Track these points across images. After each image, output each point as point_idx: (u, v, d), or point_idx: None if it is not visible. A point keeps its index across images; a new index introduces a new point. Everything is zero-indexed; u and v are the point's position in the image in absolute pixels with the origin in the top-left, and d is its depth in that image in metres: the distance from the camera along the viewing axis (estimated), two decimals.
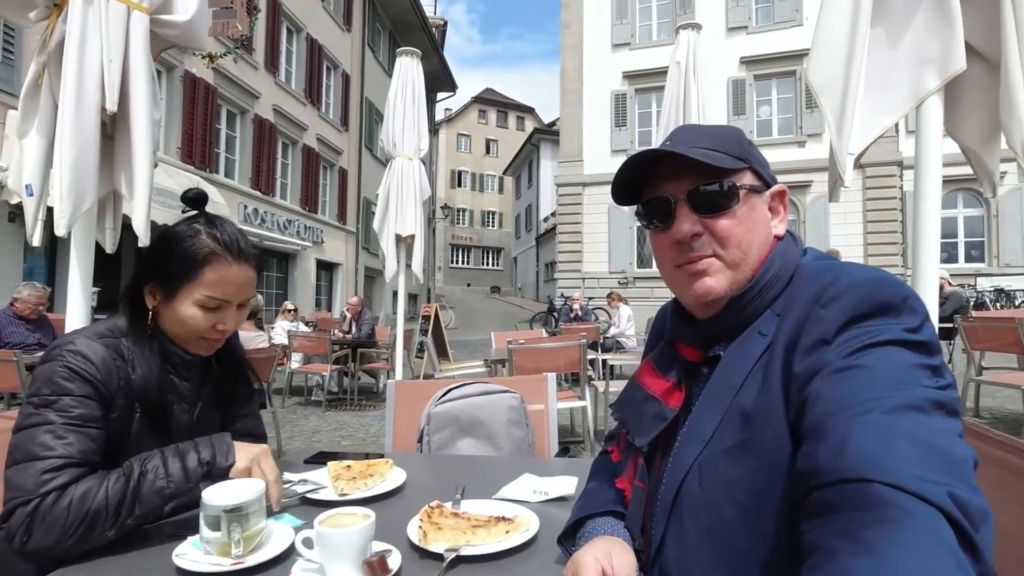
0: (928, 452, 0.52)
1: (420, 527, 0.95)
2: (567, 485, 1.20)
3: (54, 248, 8.98)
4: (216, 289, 1.11)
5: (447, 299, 30.03)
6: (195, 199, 1.18)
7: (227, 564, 0.86)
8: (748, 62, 16.38)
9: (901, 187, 15.13)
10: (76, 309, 2.09)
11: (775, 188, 0.83)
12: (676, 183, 0.79)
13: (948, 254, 14.55)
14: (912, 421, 0.55)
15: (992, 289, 14.00)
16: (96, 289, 2.42)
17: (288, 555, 0.91)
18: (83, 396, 1.02)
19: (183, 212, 1.18)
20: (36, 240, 1.99)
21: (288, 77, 14.84)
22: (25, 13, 1.90)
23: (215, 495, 0.90)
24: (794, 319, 0.69)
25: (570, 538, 0.88)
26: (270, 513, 1.01)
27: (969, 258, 15.06)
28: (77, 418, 1.00)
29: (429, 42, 21.98)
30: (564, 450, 1.77)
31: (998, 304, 13.33)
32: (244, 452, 1.09)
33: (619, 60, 17.65)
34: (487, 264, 45.54)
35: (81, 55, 1.91)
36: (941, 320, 4.48)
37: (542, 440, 1.80)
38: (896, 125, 1.91)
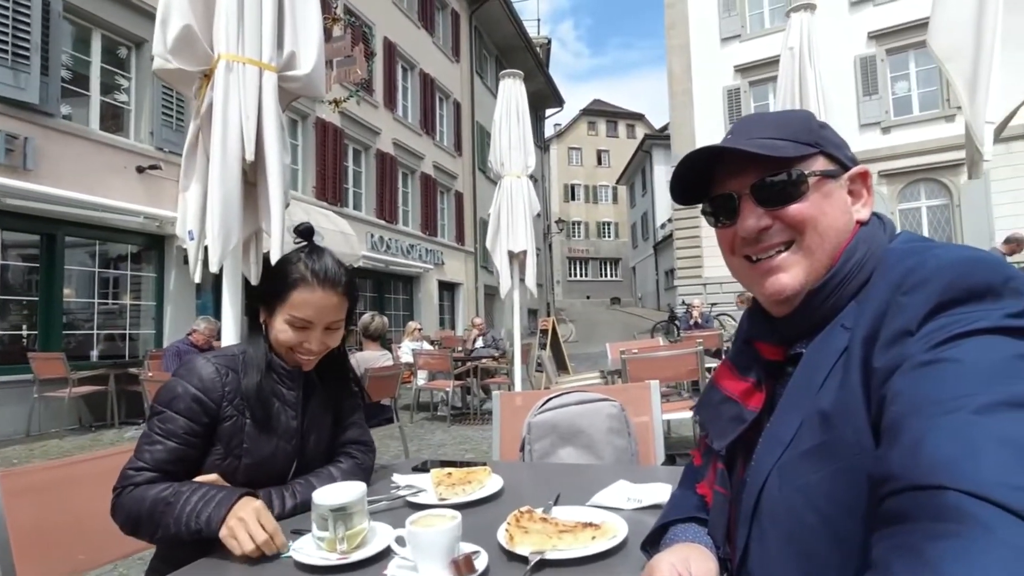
0: None
1: (507, 531, 0.98)
2: (662, 493, 1.17)
3: (219, 286, 10.30)
4: (299, 310, 1.25)
5: (567, 312, 30.03)
6: (304, 232, 1.35)
7: (334, 558, 0.95)
8: (878, 36, 14.84)
9: None
10: (229, 336, 2.40)
11: (855, 170, 0.77)
12: (739, 178, 0.76)
13: None
14: (1011, 420, 0.47)
15: None
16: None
17: (387, 553, 0.98)
18: (178, 412, 1.19)
19: (294, 243, 1.34)
20: (197, 277, 2.31)
21: (405, 112, 15.87)
22: (189, 86, 2.26)
23: (323, 496, 0.99)
24: (873, 309, 0.63)
25: (654, 545, 0.86)
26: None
27: None
28: (164, 431, 1.18)
29: (534, 62, 22.47)
30: (671, 459, 1.71)
31: None
32: (231, 515, 1.04)
33: (729, 54, 16.83)
34: (605, 275, 45.00)
35: (225, 114, 2.21)
36: None
37: (647, 449, 1.76)
38: None
